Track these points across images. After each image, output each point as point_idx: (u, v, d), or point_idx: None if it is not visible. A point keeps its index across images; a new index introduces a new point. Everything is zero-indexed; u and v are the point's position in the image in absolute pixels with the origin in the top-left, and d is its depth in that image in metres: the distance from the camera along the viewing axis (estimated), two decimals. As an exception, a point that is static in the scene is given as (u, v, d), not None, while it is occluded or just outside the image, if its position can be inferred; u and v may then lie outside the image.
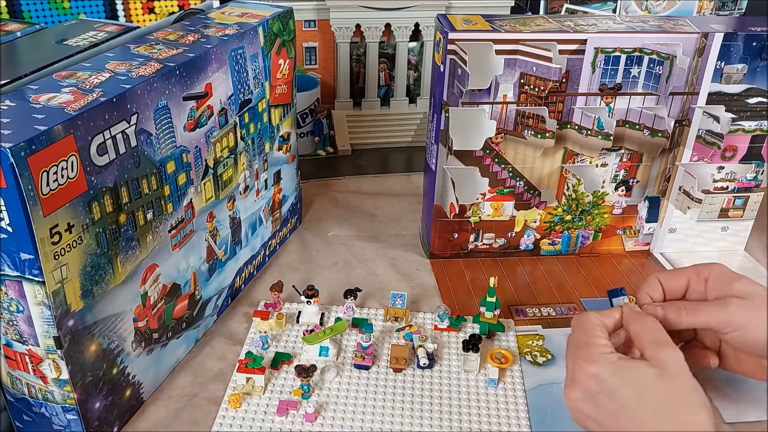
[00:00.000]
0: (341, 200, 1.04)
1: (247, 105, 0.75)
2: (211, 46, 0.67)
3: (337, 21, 1.12)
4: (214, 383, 0.69)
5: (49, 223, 0.49)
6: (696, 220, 0.87)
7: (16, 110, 0.51)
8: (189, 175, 0.67)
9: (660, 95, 0.80)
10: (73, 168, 0.51)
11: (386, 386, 0.68)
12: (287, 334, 0.75)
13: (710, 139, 0.82)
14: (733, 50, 0.77)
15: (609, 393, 0.51)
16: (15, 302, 0.52)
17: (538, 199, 0.87)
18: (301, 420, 0.64)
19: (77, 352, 0.55)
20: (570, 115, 0.81)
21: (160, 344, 0.67)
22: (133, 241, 0.60)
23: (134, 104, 0.57)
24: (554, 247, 0.91)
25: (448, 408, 0.66)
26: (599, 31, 0.77)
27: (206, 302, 0.74)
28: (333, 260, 0.89)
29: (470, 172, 0.83)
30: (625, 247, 0.92)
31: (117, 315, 0.59)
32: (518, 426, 0.64)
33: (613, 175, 0.86)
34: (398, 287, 0.83)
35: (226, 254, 0.77)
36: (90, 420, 0.59)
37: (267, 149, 0.82)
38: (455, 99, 0.78)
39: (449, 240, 0.88)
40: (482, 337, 0.73)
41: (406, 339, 0.74)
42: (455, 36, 0.75)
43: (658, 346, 0.53)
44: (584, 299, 0.82)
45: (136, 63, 0.61)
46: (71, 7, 1.04)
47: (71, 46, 0.69)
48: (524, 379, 0.70)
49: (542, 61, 0.77)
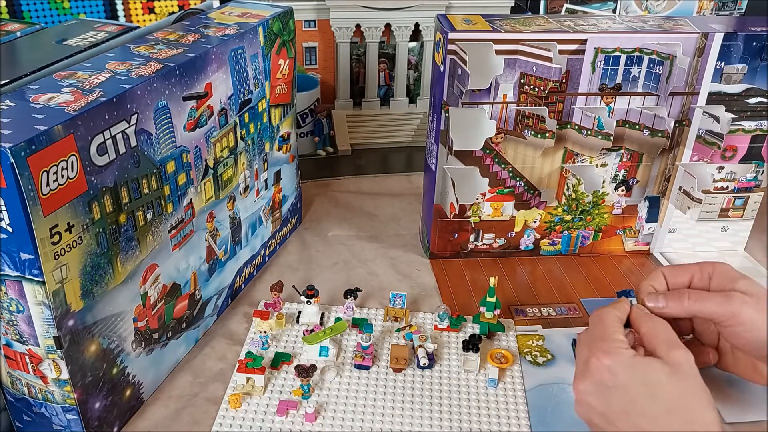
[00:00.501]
0: (341, 200, 1.04)
1: (247, 105, 0.75)
2: (211, 46, 0.67)
3: (337, 21, 1.12)
4: (214, 383, 0.69)
5: (49, 223, 0.49)
6: (696, 220, 0.87)
7: (16, 110, 0.51)
8: (189, 175, 0.67)
9: (660, 95, 0.80)
10: (73, 168, 0.51)
11: (386, 386, 0.68)
12: (287, 334, 0.75)
13: (710, 139, 0.82)
14: (733, 50, 0.77)
15: (622, 387, 0.52)
16: (15, 302, 0.52)
17: (538, 199, 0.87)
18: (301, 420, 0.64)
19: (77, 352, 0.55)
20: (570, 115, 0.81)
21: (160, 344, 0.67)
22: (133, 241, 0.60)
23: (134, 104, 0.57)
24: (554, 247, 0.91)
25: (448, 408, 0.66)
26: (599, 31, 0.77)
27: (206, 302, 0.74)
28: (333, 260, 0.89)
29: (470, 172, 0.83)
30: (625, 247, 0.92)
31: (117, 315, 0.59)
32: (518, 426, 0.64)
33: (613, 175, 0.86)
34: (398, 287, 0.83)
35: (226, 254, 0.77)
36: (90, 420, 0.59)
37: (267, 149, 0.82)
38: (455, 99, 0.78)
39: (449, 240, 0.88)
40: (482, 337, 0.73)
41: (406, 339, 0.74)
42: (455, 36, 0.75)
43: (670, 346, 0.53)
44: (584, 299, 0.83)
45: (136, 63, 0.61)
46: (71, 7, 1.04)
47: (71, 46, 0.69)
48: (524, 379, 0.70)
49: (542, 61, 0.77)
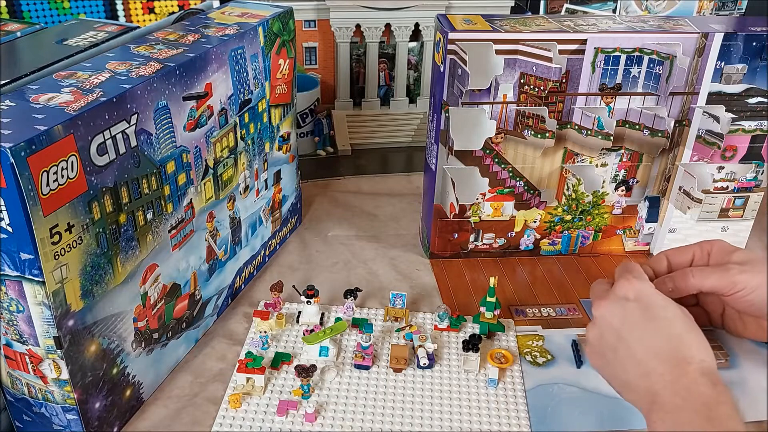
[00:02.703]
0: (341, 200, 1.04)
1: (247, 105, 0.75)
2: (211, 46, 0.67)
3: (337, 21, 1.12)
4: (214, 383, 0.69)
5: (49, 223, 0.49)
6: (696, 220, 0.87)
7: (16, 110, 0.51)
8: (189, 175, 0.67)
9: (660, 95, 0.80)
10: (73, 168, 0.51)
11: (386, 386, 0.68)
12: (287, 334, 0.75)
13: (710, 139, 0.82)
14: (733, 50, 0.77)
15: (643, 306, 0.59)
16: (15, 302, 0.52)
17: (538, 199, 0.87)
18: (301, 420, 0.64)
19: (77, 352, 0.55)
20: (570, 115, 0.81)
21: (160, 344, 0.67)
22: (133, 241, 0.60)
23: (134, 104, 0.57)
24: (554, 247, 0.91)
25: (448, 408, 0.66)
26: (599, 31, 0.77)
27: (206, 302, 0.74)
28: (333, 260, 0.89)
29: (470, 172, 0.83)
30: (625, 247, 0.92)
31: (117, 315, 0.59)
32: (518, 426, 0.64)
33: (613, 175, 0.86)
34: (398, 287, 0.83)
35: (226, 254, 0.77)
36: (90, 420, 0.59)
37: (267, 149, 0.82)
38: (455, 99, 0.78)
39: (449, 240, 0.88)
40: (482, 337, 0.73)
41: (406, 339, 0.74)
42: (455, 36, 0.75)
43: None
44: (584, 300, 0.83)
45: (136, 63, 0.61)
46: (71, 7, 1.04)
47: (71, 46, 0.68)
48: (524, 379, 0.70)
49: (542, 61, 0.77)
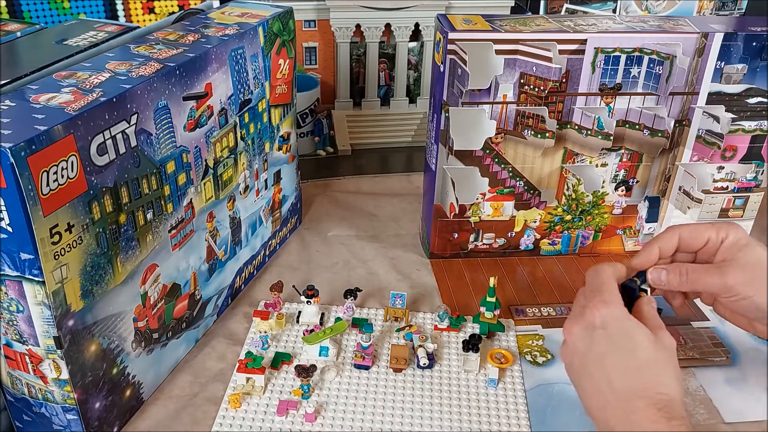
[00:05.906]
0: (341, 200, 1.04)
1: (247, 105, 0.75)
2: (211, 46, 0.67)
3: (337, 21, 1.12)
4: (214, 383, 0.69)
5: (49, 223, 0.49)
6: (696, 220, 0.87)
7: (16, 110, 0.51)
8: (189, 175, 0.67)
9: (660, 95, 0.80)
10: (73, 168, 0.51)
11: (386, 386, 0.68)
12: (287, 334, 0.75)
13: (710, 139, 0.82)
14: (733, 50, 0.77)
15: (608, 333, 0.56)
16: (15, 302, 0.52)
17: (538, 199, 0.87)
18: (301, 420, 0.64)
19: (77, 352, 0.55)
20: (570, 115, 0.81)
21: (160, 344, 0.67)
22: (133, 241, 0.60)
23: (134, 104, 0.57)
24: (554, 247, 0.91)
25: (448, 408, 0.66)
26: (599, 31, 0.77)
27: (206, 302, 0.74)
28: (333, 260, 0.89)
29: (470, 172, 0.83)
30: (625, 247, 0.92)
31: (117, 315, 0.59)
32: (518, 426, 0.64)
33: (613, 175, 0.86)
34: (398, 287, 0.83)
35: (226, 254, 0.77)
36: (90, 420, 0.59)
37: (267, 149, 0.82)
38: (455, 99, 0.78)
39: (449, 240, 0.88)
40: (482, 337, 0.73)
41: (406, 339, 0.74)
42: (455, 36, 0.75)
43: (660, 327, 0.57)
44: (584, 299, 0.82)
45: (136, 63, 0.61)
46: (71, 7, 1.04)
47: (71, 46, 0.68)
48: (524, 379, 0.70)
49: (542, 61, 0.77)
